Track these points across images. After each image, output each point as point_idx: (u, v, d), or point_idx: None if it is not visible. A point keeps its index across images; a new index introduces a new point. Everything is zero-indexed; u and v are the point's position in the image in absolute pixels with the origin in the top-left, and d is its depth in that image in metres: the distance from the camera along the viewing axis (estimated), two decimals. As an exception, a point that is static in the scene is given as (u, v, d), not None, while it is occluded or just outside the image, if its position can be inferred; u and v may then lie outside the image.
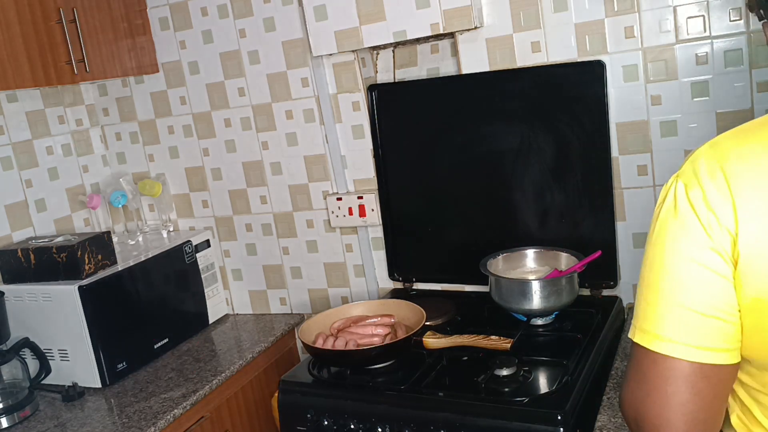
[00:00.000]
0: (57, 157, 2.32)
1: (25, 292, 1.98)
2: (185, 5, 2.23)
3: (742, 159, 0.85)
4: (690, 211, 0.86)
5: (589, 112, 1.83)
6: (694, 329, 0.86)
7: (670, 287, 0.87)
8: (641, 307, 0.91)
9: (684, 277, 0.86)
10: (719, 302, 0.85)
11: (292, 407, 1.72)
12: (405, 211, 2.13)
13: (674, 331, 0.86)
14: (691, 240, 0.85)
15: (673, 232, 0.87)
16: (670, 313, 0.87)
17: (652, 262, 0.89)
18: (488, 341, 1.69)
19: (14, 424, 1.84)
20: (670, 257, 0.87)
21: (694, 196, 0.86)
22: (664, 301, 0.87)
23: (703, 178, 0.86)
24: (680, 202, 0.87)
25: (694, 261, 0.85)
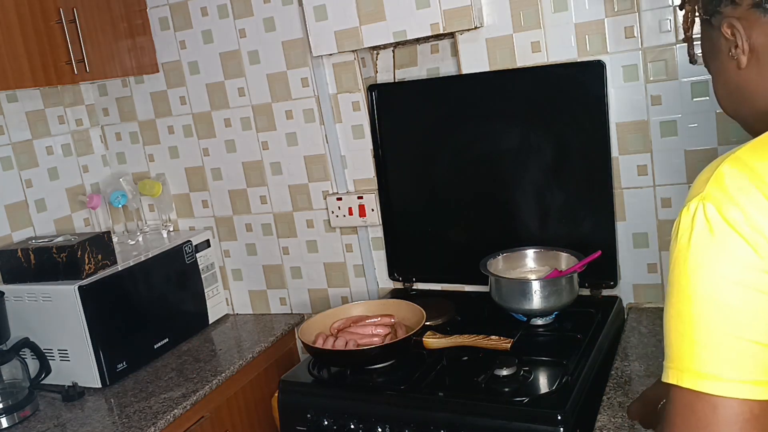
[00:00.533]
0: (57, 157, 2.32)
1: (25, 292, 1.98)
2: (185, 5, 2.23)
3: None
4: (731, 232, 0.78)
5: (589, 112, 1.83)
6: (756, 363, 0.77)
7: (720, 319, 0.78)
8: (683, 346, 0.80)
9: (735, 304, 0.77)
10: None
11: (292, 407, 1.72)
12: (405, 211, 2.13)
13: (734, 368, 0.77)
14: (736, 263, 0.78)
15: (713, 257, 0.79)
16: (724, 347, 0.78)
17: (692, 294, 0.80)
18: (488, 341, 1.69)
19: (14, 424, 1.84)
20: (715, 285, 0.78)
21: (733, 215, 0.78)
22: (716, 335, 0.78)
23: (738, 197, 0.79)
24: (716, 225, 0.79)
25: (745, 285, 0.77)
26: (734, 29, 0.92)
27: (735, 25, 0.91)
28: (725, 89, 0.97)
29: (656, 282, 1.88)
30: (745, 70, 0.92)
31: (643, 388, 1.47)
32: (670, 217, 1.82)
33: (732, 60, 0.93)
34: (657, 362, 1.57)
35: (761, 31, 0.90)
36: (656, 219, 1.85)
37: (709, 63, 1.00)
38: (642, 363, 1.58)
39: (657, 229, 1.85)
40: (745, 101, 0.95)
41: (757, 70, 0.92)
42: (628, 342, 1.70)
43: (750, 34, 0.91)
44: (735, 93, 0.96)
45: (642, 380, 1.51)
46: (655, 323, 1.78)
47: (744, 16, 0.91)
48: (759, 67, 0.91)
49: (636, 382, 1.51)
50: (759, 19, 0.90)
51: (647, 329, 1.75)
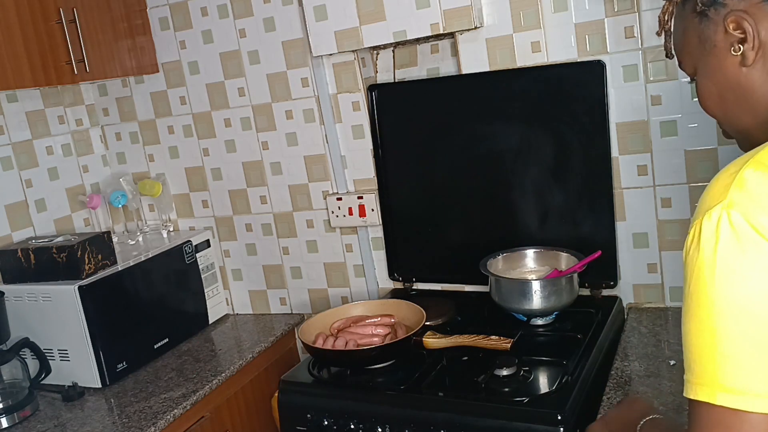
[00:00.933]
0: (57, 157, 2.32)
1: (25, 292, 1.98)
2: (185, 5, 2.23)
3: None
4: (762, 241, 0.75)
5: (589, 112, 1.83)
6: None
7: (754, 332, 0.75)
8: (711, 361, 0.77)
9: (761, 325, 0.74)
10: None
11: (292, 407, 1.72)
12: (405, 211, 2.13)
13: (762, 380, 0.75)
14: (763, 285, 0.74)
15: (744, 269, 0.75)
16: (757, 361, 0.75)
17: (722, 307, 0.76)
18: (488, 341, 1.69)
19: (14, 424, 1.84)
20: (748, 298, 0.75)
21: (762, 222, 0.75)
22: (749, 349, 0.75)
23: (766, 202, 0.76)
24: (744, 234, 0.75)
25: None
26: (741, 23, 0.86)
27: (744, 19, 0.86)
28: (718, 88, 0.92)
29: (656, 282, 1.88)
30: (750, 67, 0.87)
31: (644, 388, 1.47)
32: (670, 217, 1.82)
33: (733, 56, 0.88)
34: (657, 362, 1.58)
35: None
36: (656, 219, 1.85)
37: (696, 61, 0.94)
38: (642, 363, 1.58)
39: (657, 229, 1.85)
40: (744, 102, 0.90)
41: (764, 67, 0.87)
42: (628, 342, 1.70)
43: (760, 29, 0.86)
44: (732, 93, 0.90)
45: (642, 380, 1.51)
46: (655, 323, 1.78)
47: (753, 10, 0.86)
48: (764, 64, 0.87)
49: (636, 382, 1.51)
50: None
51: (647, 329, 1.75)
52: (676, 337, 1.68)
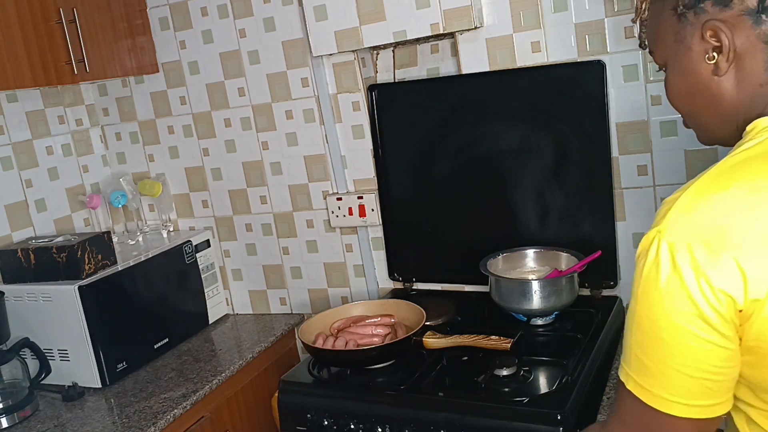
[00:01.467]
0: (57, 157, 2.32)
1: (25, 292, 1.98)
2: (185, 5, 2.23)
3: (728, 211, 0.80)
4: (675, 279, 0.81)
5: (589, 112, 1.83)
6: (686, 389, 0.84)
7: (657, 348, 0.84)
8: (633, 357, 0.88)
9: (669, 341, 0.83)
10: (709, 366, 0.82)
11: (292, 407, 1.72)
12: (405, 211, 2.13)
13: (668, 389, 0.84)
14: (675, 307, 0.81)
15: (656, 296, 0.83)
16: (661, 373, 0.84)
17: (638, 320, 0.86)
18: (488, 341, 1.69)
19: (14, 424, 1.84)
20: (654, 321, 0.83)
21: (681, 260, 0.80)
22: (655, 361, 0.85)
23: (691, 240, 0.80)
24: (664, 266, 0.82)
25: (680, 327, 0.81)
26: (718, 33, 0.87)
27: (722, 30, 0.86)
28: (688, 89, 0.93)
29: (656, 282, 1.87)
30: (723, 77, 0.88)
31: (643, 388, 1.47)
32: (670, 217, 1.82)
33: (707, 63, 0.89)
34: (657, 362, 1.57)
35: (748, 39, 0.86)
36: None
37: (668, 57, 0.94)
38: (642, 363, 1.58)
39: (657, 229, 1.85)
40: (711, 106, 0.91)
41: (735, 78, 0.88)
42: (627, 342, 1.70)
43: (736, 41, 0.86)
44: (702, 97, 0.92)
45: (642, 380, 1.50)
46: (655, 323, 1.78)
47: (732, 21, 0.86)
48: (738, 75, 0.88)
49: (636, 382, 1.50)
50: (748, 28, 0.86)
51: (647, 329, 1.75)
52: (676, 337, 1.68)
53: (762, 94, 0.87)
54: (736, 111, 0.89)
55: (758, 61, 0.86)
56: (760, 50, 0.86)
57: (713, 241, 0.79)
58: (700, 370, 0.82)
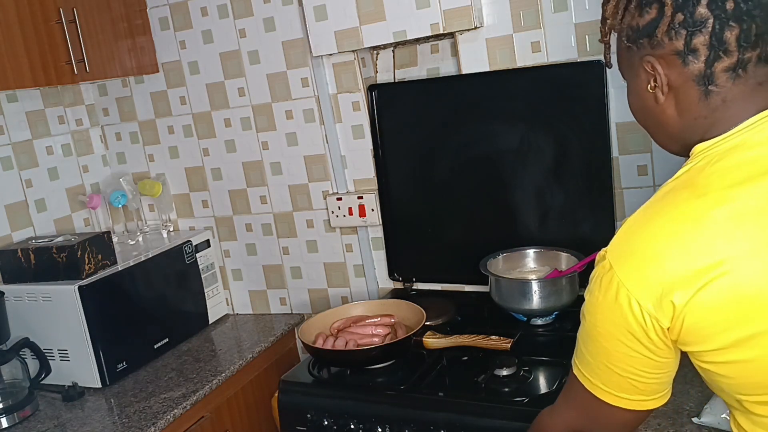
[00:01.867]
0: (57, 157, 2.32)
1: (25, 292, 1.98)
2: (185, 5, 2.23)
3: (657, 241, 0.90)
4: (615, 299, 0.91)
5: (589, 112, 1.83)
6: (616, 383, 0.97)
7: (596, 351, 0.97)
8: (579, 352, 1.02)
9: (608, 347, 0.95)
10: (635, 369, 0.95)
11: (292, 407, 1.72)
12: (405, 211, 2.13)
13: (603, 381, 0.99)
14: (608, 319, 0.93)
15: (598, 311, 0.94)
16: (598, 368, 0.98)
17: (586, 324, 0.98)
18: (488, 341, 1.69)
19: (14, 424, 1.84)
20: (597, 332, 0.96)
21: (618, 280, 0.90)
22: (594, 358, 0.98)
23: (627, 265, 0.91)
24: (606, 283, 0.92)
25: (612, 336, 0.93)
26: (654, 67, 0.94)
27: (654, 64, 0.94)
28: (641, 108, 1.02)
29: (656, 282, 1.87)
30: (663, 105, 0.96)
31: (643, 388, 1.47)
32: (670, 217, 1.82)
33: (649, 91, 0.97)
34: (657, 362, 1.57)
35: (680, 76, 0.93)
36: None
37: (625, 76, 1.03)
38: (642, 363, 1.58)
39: (657, 229, 1.85)
40: (658, 126, 1.01)
41: (674, 106, 0.96)
42: (628, 342, 1.70)
43: (669, 75, 0.93)
44: (651, 119, 1.01)
45: (642, 380, 1.50)
46: (655, 323, 1.78)
47: (664, 58, 0.93)
48: (676, 103, 0.95)
49: (636, 382, 1.50)
50: (679, 66, 0.92)
51: (647, 329, 1.75)
52: (676, 337, 1.68)
53: (700, 125, 0.95)
54: (680, 134, 0.98)
55: (691, 96, 0.94)
56: (690, 86, 0.93)
57: (644, 268, 0.89)
58: (627, 371, 0.95)
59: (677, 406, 1.38)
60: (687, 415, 1.35)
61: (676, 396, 1.41)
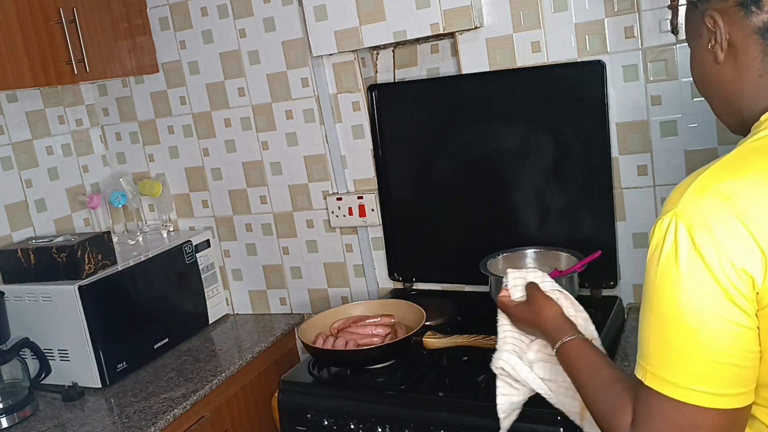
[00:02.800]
0: (57, 157, 2.32)
1: (25, 292, 1.98)
2: (185, 5, 2.23)
3: (746, 192, 0.81)
4: (698, 261, 0.79)
5: (589, 112, 1.83)
6: (714, 376, 0.81)
7: (681, 338, 0.82)
8: (652, 351, 0.86)
9: (696, 326, 0.80)
10: (737, 350, 0.81)
11: (292, 407, 1.72)
12: (405, 211, 2.13)
13: (694, 378, 0.82)
14: (699, 292, 0.80)
15: (677, 283, 0.81)
16: (686, 362, 0.82)
17: (659, 310, 0.83)
18: (488, 341, 1.68)
19: (14, 424, 1.84)
20: (676, 309, 0.81)
21: (702, 241, 0.80)
22: (678, 350, 0.82)
23: (709, 220, 0.80)
24: (683, 249, 0.80)
25: (705, 312, 0.80)
26: (716, 22, 0.91)
27: (716, 19, 0.91)
28: (699, 75, 0.98)
29: (656, 282, 1.87)
30: (721, 65, 0.93)
31: (643, 388, 1.46)
32: (670, 217, 1.82)
33: (709, 51, 0.93)
34: (657, 362, 1.57)
35: (741, 30, 0.90)
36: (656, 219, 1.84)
37: (689, 42, 1.00)
38: (642, 363, 1.58)
39: (657, 229, 1.85)
40: (716, 92, 0.96)
41: (732, 67, 0.92)
42: (628, 342, 1.70)
43: (730, 31, 0.91)
44: (709, 83, 0.97)
45: (642, 380, 1.50)
46: (655, 323, 1.78)
47: (727, 12, 0.90)
48: (735, 64, 0.92)
49: (636, 382, 1.50)
50: (741, 19, 0.90)
51: (647, 329, 1.75)
52: (676, 337, 1.68)
53: (763, 85, 0.90)
54: (738, 100, 0.92)
55: (753, 51, 0.90)
56: (753, 41, 0.89)
57: (732, 222, 0.79)
58: (729, 355, 0.80)
59: (677, 406, 1.38)
60: (687, 415, 1.34)
61: (676, 396, 1.41)
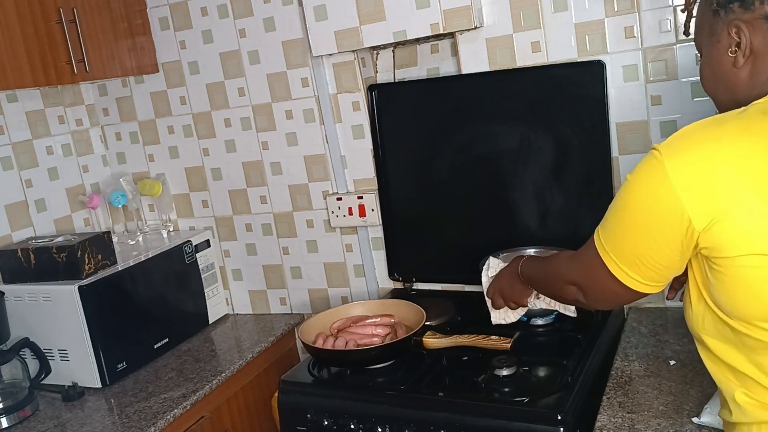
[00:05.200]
0: (57, 157, 2.32)
1: (25, 292, 1.98)
2: (185, 5, 2.23)
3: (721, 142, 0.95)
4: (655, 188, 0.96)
5: (589, 112, 1.83)
6: (625, 258, 1.06)
7: (619, 225, 1.06)
8: (608, 227, 1.09)
9: (640, 241, 1.02)
10: (648, 256, 1.03)
11: (292, 407, 1.72)
12: (405, 211, 2.13)
13: (616, 253, 1.07)
14: (647, 209, 0.99)
15: (636, 191, 1.01)
16: (615, 239, 1.07)
17: (623, 210, 1.05)
18: (488, 341, 1.69)
19: (14, 424, 1.84)
20: (627, 208, 1.03)
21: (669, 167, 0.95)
22: (614, 231, 1.07)
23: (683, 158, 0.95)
24: (650, 175, 0.98)
25: (653, 235, 0.99)
26: (740, 31, 1.01)
27: (741, 28, 1.01)
28: (712, 74, 1.09)
29: (656, 282, 1.87)
30: (739, 68, 1.03)
31: (644, 388, 1.47)
32: (670, 217, 1.82)
33: (728, 56, 1.04)
34: (657, 362, 1.58)
35: (763, 39, 1.01)
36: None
37: (702, 46, 1.10)
38: (642, 363, 1.58)
39: (657, 229, 1.85)
40: (727, 90, 1.07)
41: (749, 71, 1.03)
42: (628, 342, 1.70)
43: (752, 39, 1.01)
44: (723, 83, 1.07)
45: (642, 380, 1.51)
46: (655, 323, 1.78)
47: (752, 23, 1.00)
48: (752, 68, 1.02)
49: (636, 382, 1.51)
50: (764, 30, 1.00)
51: (647, 329, 1.75)
52: (676, 337, 1.68)
53: (765, 86, 1.02)
54: (747, 97, 1.02)
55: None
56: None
57: (696, 164, 0.94)
58: (637, 251, 1.03)
59: (677, 406, 1.38)
60: (687, 415, 1.35)
61: (676, 396, 1.42)
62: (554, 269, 1.31)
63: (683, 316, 1.10)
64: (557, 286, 1.28)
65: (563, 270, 1.25)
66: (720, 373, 1.07)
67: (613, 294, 1.11)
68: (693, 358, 1.56)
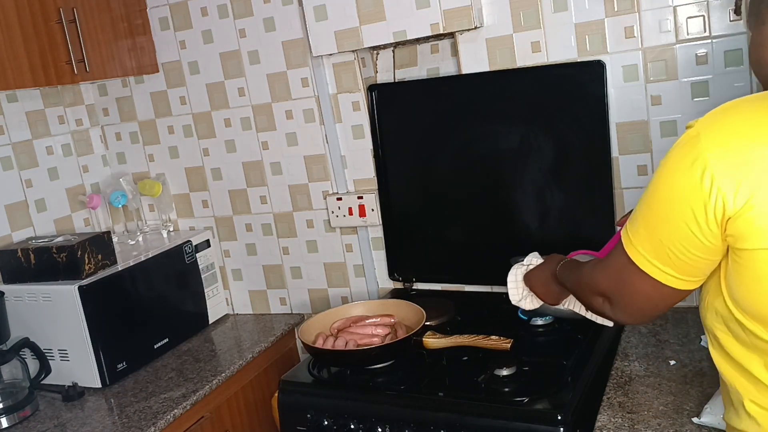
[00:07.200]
0: (57, 157, 2.32)
1: (25, 292, 1.98)
2: (185, 5, 2.23)
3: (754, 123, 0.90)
4: (689, 170, 0.91)
5: (589, 112, 1.83)
6: (656, 251, 0.99)
7: (649, 214, 0.99)
8: (636, 219, 1.02)
9: (670, 228, 0.95)
10: (682, 246, 0.96)
11: (292, 407, 1.72)
12: (405, 211, 2.13)
13: (644, 247, 1.00)
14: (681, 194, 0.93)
15: (670, 175, 0.95)
16: (644, 231, 1.00)
17: (653, 197, 0.98)
18: (488, 341, 1.69)
19: (14, 424, 1.84)
20: (659, 194, 0.97)
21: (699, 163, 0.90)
22: (644, 221, 1.00)
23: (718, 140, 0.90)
24: (684, 156, 0.92)
25: (685, 220, 0.93)
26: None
27: None
28: (757, 56, 1.06)
29: (656, 282, 1.87)
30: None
31: (644, 388, 1.47)
32: (670, 217, 1.82)
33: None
34: (657, 362, 1.57)
35: None
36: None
37: (750, 26, 1.08)
38: (642, 363, 1.58)
39: (657, 229, 1.85)
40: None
41: None
42: (628, 342, 1.70)
43: None
44: (764, 61, 1.05)
45: (642, 380, 1.51)
46: (655, 323, 1.78)
47: None
48: None
49: (636, 382, 1.51)
50: None
51: (647, 329, 1.75)
52: (676, 337, 1.68)
53: None
54: None
55: None
56: None
57: (734, 145, 0.89)
58: (670, 241, 0.96)
59: (677, 406, 1.38)
60: (687, 415, 1.35)
61: (676, 396, 1.42)
62: (582, 277, 1.22)
63: (683, 316, 1.10)
64: (585, 295, 1.20)
65: (588, 278, 1.17)
66: (731, 375, 1.03)
67: (644, 296, 1.04)
68: (693, 358, 1.56)
